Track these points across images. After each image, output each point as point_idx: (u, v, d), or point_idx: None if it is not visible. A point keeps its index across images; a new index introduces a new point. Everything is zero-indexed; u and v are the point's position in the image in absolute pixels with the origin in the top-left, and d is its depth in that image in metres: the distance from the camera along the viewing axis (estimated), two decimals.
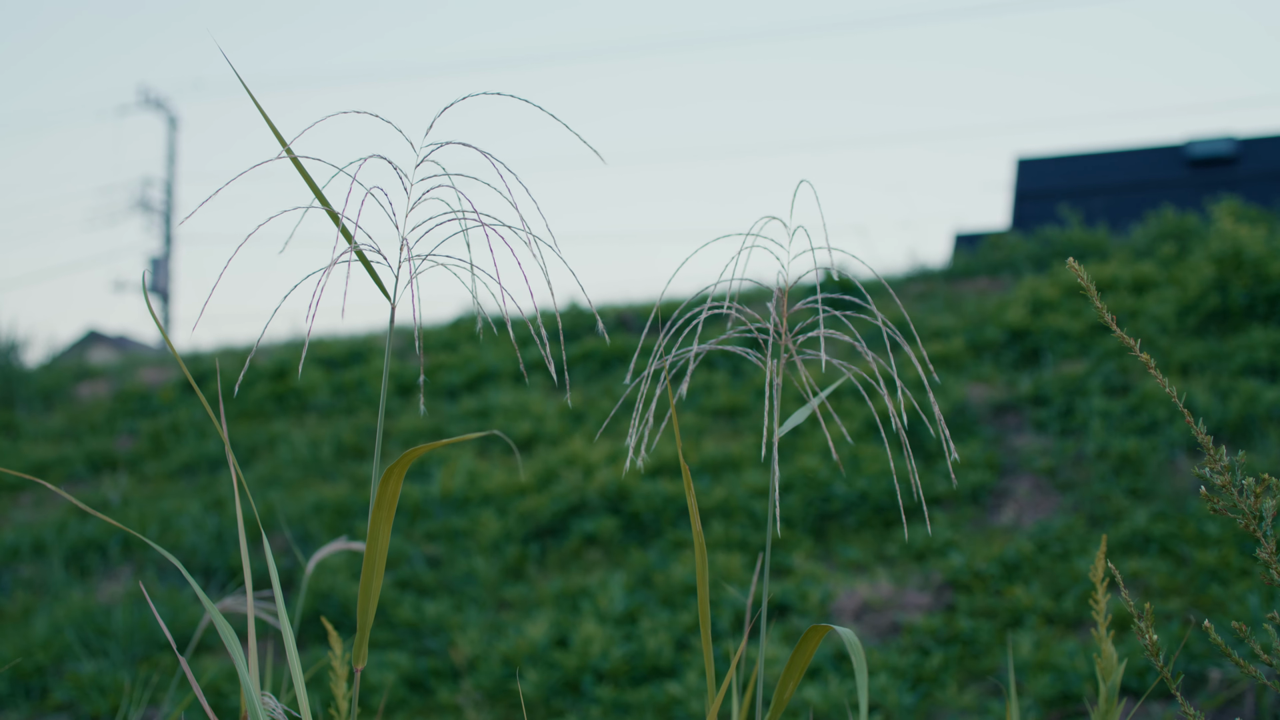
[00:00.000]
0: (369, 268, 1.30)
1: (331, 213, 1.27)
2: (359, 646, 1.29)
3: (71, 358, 13.81)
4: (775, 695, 1.35)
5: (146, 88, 23.92)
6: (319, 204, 1.28)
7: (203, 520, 7.16)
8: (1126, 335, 1.30)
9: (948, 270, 10.51)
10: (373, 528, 1.25)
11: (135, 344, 22.46)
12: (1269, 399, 6.28)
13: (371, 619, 1.28)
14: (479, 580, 6.07)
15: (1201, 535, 5.22)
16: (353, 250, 1.26)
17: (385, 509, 1.26)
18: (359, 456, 8.24)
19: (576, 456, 7.19)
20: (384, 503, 1.26)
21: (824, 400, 1.45)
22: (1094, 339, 7.73)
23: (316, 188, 1.29)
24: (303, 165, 1.29)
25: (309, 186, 1.29)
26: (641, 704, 4.71)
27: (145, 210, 24.09)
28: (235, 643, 1.22)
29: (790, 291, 1.45)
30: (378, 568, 1.26)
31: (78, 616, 6.07)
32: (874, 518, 6.11)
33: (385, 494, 1.25)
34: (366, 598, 1.26)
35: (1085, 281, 1.24)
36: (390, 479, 1.25)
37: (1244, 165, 15.74)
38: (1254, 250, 7.67)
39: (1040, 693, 4.32)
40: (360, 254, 1.28)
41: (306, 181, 1.29)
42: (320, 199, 1.28)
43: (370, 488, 7.28)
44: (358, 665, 1.30)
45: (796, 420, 1.48)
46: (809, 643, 1.33)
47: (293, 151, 1.28)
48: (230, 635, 1.22)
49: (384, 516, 1.26)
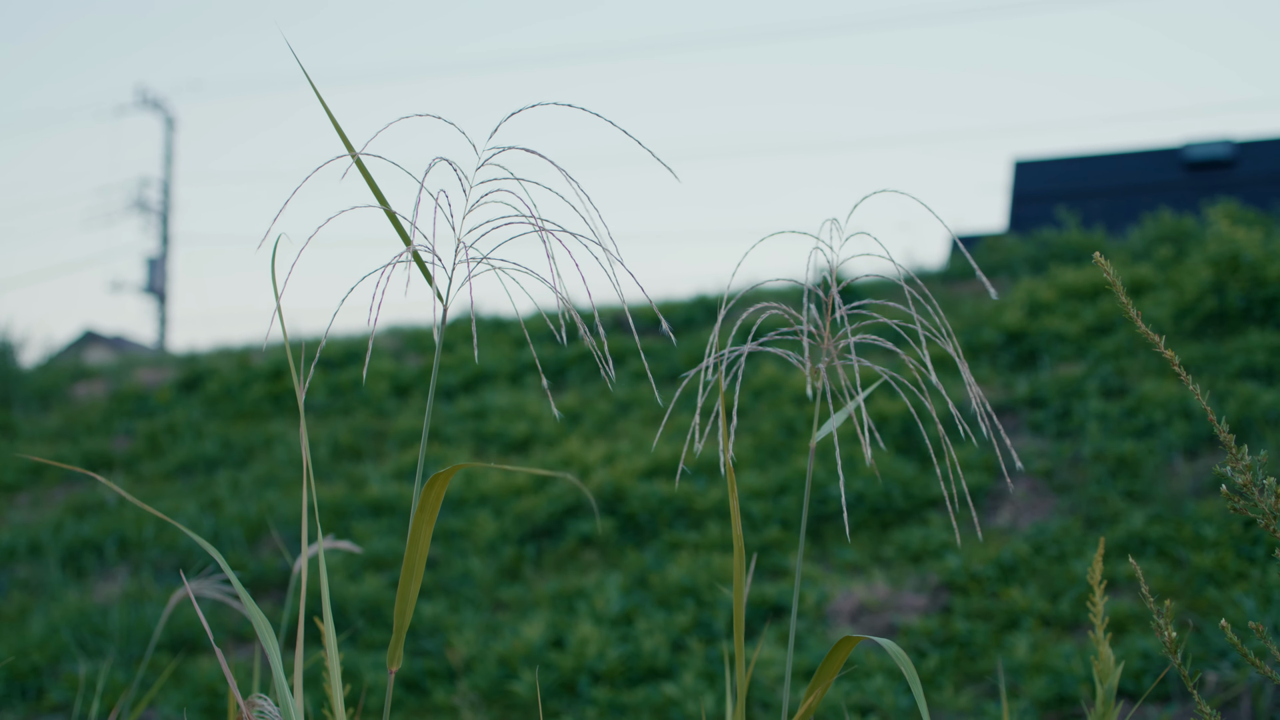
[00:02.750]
0: (424, 269, 1.32)
1: (390, 212, 1.29)
2: (394, 649, 1.30)
3: (68, 358, 13.80)
4: (804, 701, 1.36)
5: (144, 88, 23.90)
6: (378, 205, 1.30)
7: (199, 520, 7.15)
8: (1123, 339, 1.29)
9: (945, 272, 10.52)
10: (414, 531, 1.26)
11: (132, 344, 22.44)
12: (1266, 401, 6.28)
13: (408, 621, 1.29)
14: (475, 581, 6.06)
15: (1198, 538, 5.22)
16: (408, 251, 1.28)
17: (428, 513, 1.27)
18: (355, 457, 8.23)
19: (573, 457, 7.19)
20: (426, 507, 1.27)
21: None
22: (1091, 341, 7.73)
23: (379, 191, 1.31)
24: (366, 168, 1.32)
25: (371, 190, 1.32)
26: (638, 705, 4.70)
27: (142, 211, 24.07)
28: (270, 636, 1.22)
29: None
30: (417, 570, 1.27)
31: (74, 617, 6.06)
32: (871, 519, 6.11)
33: (428, 500, 1.27)
34: (404, 601, 1.27)
35: (1111, 276, 1.24)
36: (435, 485, 1.26)
37: (1241, 168, 15.75)
38: (1251, 253, 7.68)
39: (1037, 695, 4.32)
40: (417, 257, 1.30)
41: (370, 185, 1.32)
42: (381, 201, 1.31)
43: (364, 488, 7.28)
44: (392, 667, 1.30)
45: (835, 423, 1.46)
46: (839, 652, 1.33)
47: (356, 153, 1.30)
48: (266, 628, 1.22)
49: (425, 520, 1.27)
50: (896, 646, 1.27)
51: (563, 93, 63.05)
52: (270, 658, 1.19)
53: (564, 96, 51.04)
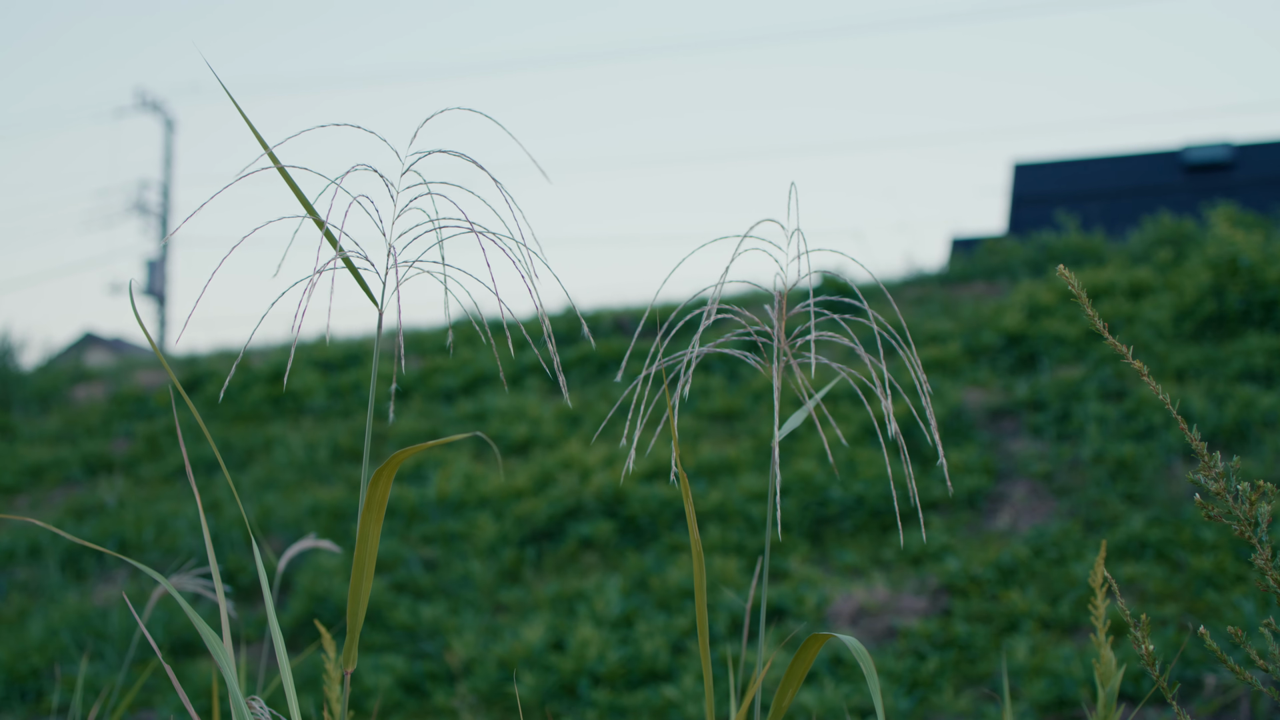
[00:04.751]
0: (356, 275, 1.29)
1: (317, 220, 1.27)
2: (349, 649, 1.28)
3: (68, 360, 13.80)
4: (775, 702, 1.35)
5: (143, 90, 23.91)
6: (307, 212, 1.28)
7: (198, 523, 7.15)
8: (1121, 341, 1.30)
9: (944, 275, 10.52)
10: (362, 530, 1.25)
11: (131, 347, 22.44)
12: (1265, 405, 6.29)
13: (361, 621, 1.27)
14: (475, 583, 6.06)
15: (1197, 541, 5.22)
16: (339, 257, 1.26)
17: (374, 511, 1.25)
18: (355, 459, 8.23)
19: (573, 460, 7.19)
20: (373, 504, 1.25)
21: (820, 404, 1.44)
22: (1091, 344, 7.74)
23: (302, 195, 1.28)
24: (289, 174, 1.28)
25: (295, 194, 1.28)
26: (638, 707, 4.70)
27: (142, 213, 24.08)
28: (220, 649, 1.21)
29: (789, 295, 1.45)
30: (367, 570, 1.25)
31: (73, 619, 6.06)
32: (870, 522, 6.11)
33: (374, 496, 1.25)
34: (356, 601, 1.25)
35: (1076, 289, 1.24)
36: (379, 481, 1.24)
37: (1240, 171, 15.76)
38: (1250, 256, 7.68)
39: (1036, 698, 4.32)
40: (347, 261, 1.27)
41: (292, 189, 1.28)
42: (306, 206, 1.28)
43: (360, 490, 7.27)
44: (348, 668, 1.29)
45: (793, 424, 1.47)
46: (808, 651, 1.33)
47: (278, 160, 1.27)
48: (215, 641, 1.22)
49: (373, 518, 1.25)
50: (857, 642, 1.27)
51: (564, 94, 63.03)
52: (224, 671, 1.19)
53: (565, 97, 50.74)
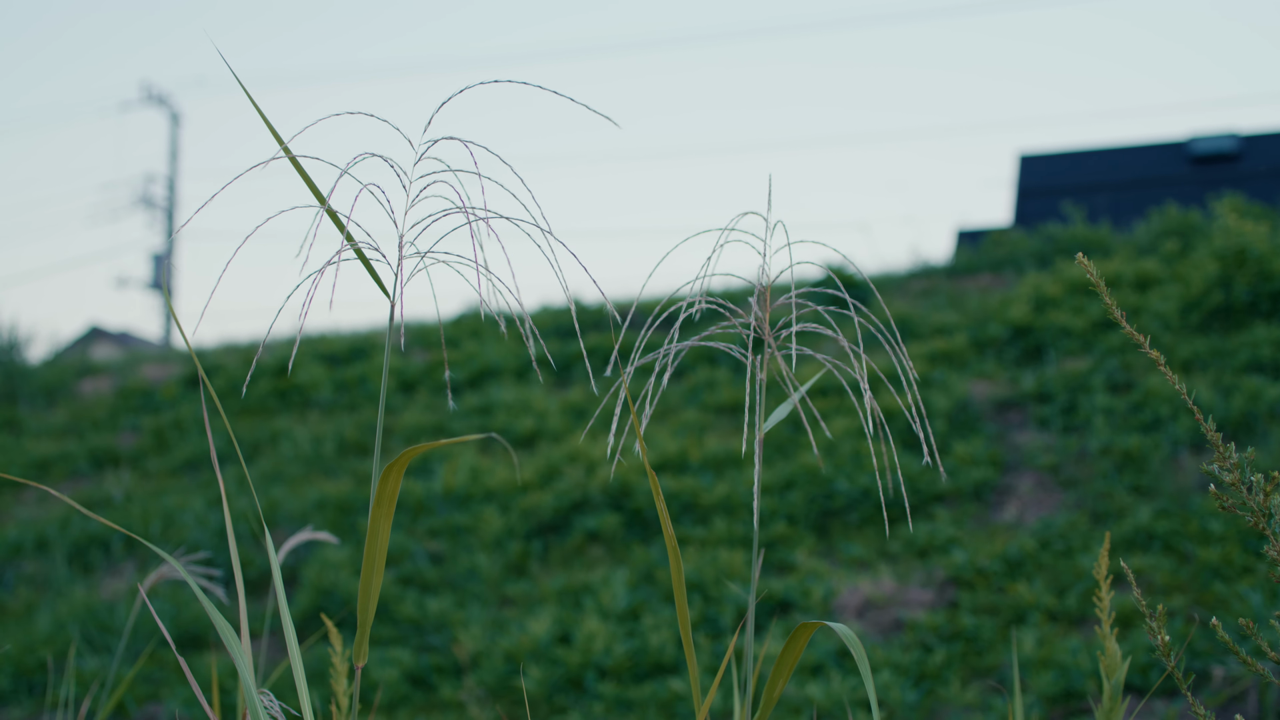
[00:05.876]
0: (368, 266, 1.29)
1: (330, 211, 1.26)
2: (360, 643, 1.28)
3: (74, 354, 13.82)
4: (765, 692, 1.35)
5: (149, 84, 23.93)
6: (318, 203, 1.27)
7: (205, 516, 7.16)
8: (1131, 332, 1.29)
9: (950, 267, 10.50)
10: (372, 524, 1.25)
11: (138, 340, 22.46)
12: (1272, 396, 6.27)
13: (372, 616, 1.27)
14: (481, 577, 6.07)
15: (1204, 532, 5.22)
16: (351, 249, 1.25)
17: (385, 506, 1.25)
18: (361, 453, 8.24)
19: (579, 453, 7.19)
20: (383, 499, 1.25)
21: (817, 397, 1.44)
22: (1097, 336, 7.72)
23: (314, 185, 1.28)
24: (301, 165, 1.28)
25: (307, 185, 1.27)
26: (644, 700, 4.71)
27: (148, 206, 24.10)
28: (235, 642, 1.22)
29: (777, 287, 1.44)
30: (378, 565, 1.25)
31: (81, 613, 6.07)
32: (877, 514, 6.11)
33: (385, 491, 1.25)
34: (367, 595, 1.25)
35: (1095, 277, 1.23)
36: (390, 476, 1.24)
37: (1247, 162, 15.71)
38: (1257, 247, 7.66)
39: (1043, 690, 4.32)
40: (359, 252, 1.27)
41: (304, 180, 1.27)
42: (318, 197, 1.27)
43: (370, 485, 7.28)
44: (359, 662, 1.29)
45: (777, 417, 1.47)
46: (798, 640, 1.33)
47: (290, 151, 1.27)
48: (231, 634, 1.22)
49: (383, 513, 1.25)
50: (849, 631, 1.26)
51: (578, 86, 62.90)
52: (238, 664, 1.19)
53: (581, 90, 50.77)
